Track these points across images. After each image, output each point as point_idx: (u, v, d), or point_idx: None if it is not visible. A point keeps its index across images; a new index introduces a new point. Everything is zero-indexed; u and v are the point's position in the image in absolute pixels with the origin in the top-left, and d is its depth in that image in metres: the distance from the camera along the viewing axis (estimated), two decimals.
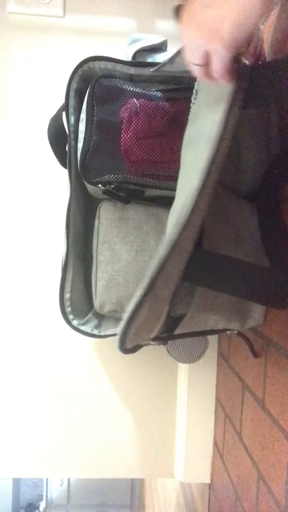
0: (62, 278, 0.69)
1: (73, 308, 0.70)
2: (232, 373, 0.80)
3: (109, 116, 0.64)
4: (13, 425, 0.91)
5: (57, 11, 0.87)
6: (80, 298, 0.75)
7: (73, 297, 0.71)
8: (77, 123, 0.69)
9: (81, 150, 0.64)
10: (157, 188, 0.66)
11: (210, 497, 0.93)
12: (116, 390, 0.93)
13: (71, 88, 0.67)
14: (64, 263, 0.69)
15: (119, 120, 0.64)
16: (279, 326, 0.59)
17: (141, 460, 0.93)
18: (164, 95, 0.66)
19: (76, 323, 0.69)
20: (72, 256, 0.71)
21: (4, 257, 0.89)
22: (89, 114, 0.64)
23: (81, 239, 0.77)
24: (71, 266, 0.70)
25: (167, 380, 0.94)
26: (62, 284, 0.69)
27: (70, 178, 0.70)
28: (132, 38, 0.71)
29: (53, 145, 0.76)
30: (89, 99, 0.64)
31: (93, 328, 0.71)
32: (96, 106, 0.64)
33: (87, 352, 0.92)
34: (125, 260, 0.68)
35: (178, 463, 0.92)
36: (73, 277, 0.70)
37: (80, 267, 0.76)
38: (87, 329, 0.70)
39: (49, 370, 0.91)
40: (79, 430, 0.92)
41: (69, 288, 0.70)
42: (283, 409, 0.56)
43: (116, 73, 0.66)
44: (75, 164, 0.68)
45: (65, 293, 0.69)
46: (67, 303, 0.69)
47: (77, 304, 0.72)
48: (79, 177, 0.70)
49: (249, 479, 0.67)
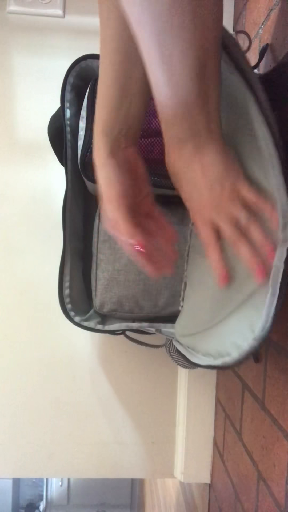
0: (60, 274, 0.68)
1: (74, 305, 0.69)
2: (232, 373, 0.80)
3: None
4: (13, 425, 0.91)
5: (57, 11, 0.87)
6: (80, 296, 0.74)
7: (73, 293, 0.70)
8: (74, 119, 0.69)
9: (81, 147, 0.64)
10: (157, 186, 0.66)
11: (210, 497, 0.93)
12: (116, 390, 0.93)
13: (67, 82, 0.67)
14: (62, 258, 0.69)
15: None
16: (279, 326, 0.59)
17: (141, 460, 0.93)
18: None
19: (78, 319, 0.69)
20: (70, 251, 0.70)
21: (4, 255, 0.89)
22: (89, 112, 0.64)
23: (79, 236, 0.77)
24: (68, 261, 0.69)
25: (167, 380, 0.93)
26: (61, 280, 0.68)
27: (66, 172, 0.70)
28: None
29: (53, 144, 0.76)
30: (89, 97, 0.64)
31: (97, 324, 0.70)
32: None
33: (87, 352, 0.92)
34: (126, 259, 0.67)
35: (178, 463, 0.92)
36: (71, 273, 0.69)
37: (78, 264, 0.76)
38: (90, 325, 0.69)
39: (49, 370, 0.91)
40: (79, 430, 0.92)
41: (68, 283, 0.69)
42: (283, 409, 0.56)
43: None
44: (72, 157, 0.68)
45: (64, 288, 0.68)
46: (67, 300, 0.68)
47: (77, 300, 0.72)
48: (76, 171, 0.69)
49: (249, 479, 0.67)
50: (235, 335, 0.45)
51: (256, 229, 0.42)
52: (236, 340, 0.45)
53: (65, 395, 0.92)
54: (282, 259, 0.41)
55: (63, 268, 0.68)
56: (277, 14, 0.61)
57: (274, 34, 0.62)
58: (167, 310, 0.69)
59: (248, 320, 0.44)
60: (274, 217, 0.41)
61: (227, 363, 0.45)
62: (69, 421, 0.92)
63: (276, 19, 0.61)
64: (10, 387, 0.91)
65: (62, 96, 0.67)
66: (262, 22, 0.67)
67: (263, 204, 0.41)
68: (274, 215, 0.41)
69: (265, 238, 0.42)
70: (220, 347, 0.47)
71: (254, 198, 0.42)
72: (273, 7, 0.62)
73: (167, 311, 0.69)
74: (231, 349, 0.45)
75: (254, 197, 0.42)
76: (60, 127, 0.73)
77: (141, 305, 0.68)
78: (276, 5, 0.61)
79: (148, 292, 0.68)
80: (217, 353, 0.47)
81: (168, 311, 0.69)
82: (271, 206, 0.41)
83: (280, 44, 0.60)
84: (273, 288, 0.41)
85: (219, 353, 0.47)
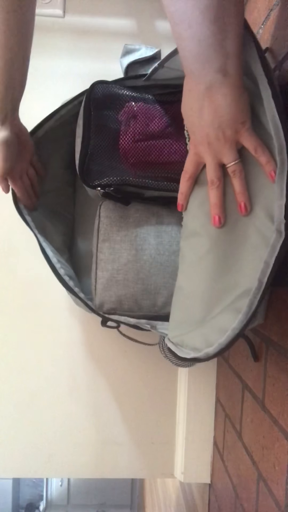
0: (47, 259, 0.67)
1: (75, 282, 0.69)
2: (232, 373, 0.80)
3: (106, 120, 0.65)
4: (13, 425, 0.91)
5: (57, 11, 0.87)
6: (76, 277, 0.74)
7: (69, 273, 0.70)
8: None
9: (79, 154, 0.64)
10: (156, 189, 0.66)
11: (210, 497, 0.93)
12: (116, 390, 0.93)
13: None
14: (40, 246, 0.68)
15: (117, 124, 0.65)
16: (279, 326, 0.59)
17: (141, 460, 0.93)
18: (161, 98, 0.67)
19: (83, 296, 0.68)
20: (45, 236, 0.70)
21: (4, 255, 0.89)
22: (86, 119, 0.64)
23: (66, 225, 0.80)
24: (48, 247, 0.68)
25: (167, 380, 0.93)
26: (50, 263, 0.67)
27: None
28: (126, 49, 0.72)
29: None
30: (86, 105, 0.65)
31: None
32: (94, 111, 0.65)
33: (87, 352, 0.92)
34: (125, 259, 0.68)
35: (178, 463, 0.92)
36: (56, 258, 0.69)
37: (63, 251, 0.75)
38: (92, 306, 0.68)
39: (49, 370, 0.91)
40: (79, 430, 0.92)
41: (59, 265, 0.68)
42: (283, 409, 0.56)
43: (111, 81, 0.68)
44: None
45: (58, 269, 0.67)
46: (66, 278, 0.67)
47: (75, 279, 0.71)
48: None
49: (249, 479, 0.67)
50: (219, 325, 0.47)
51: (239, 181, 0.46)
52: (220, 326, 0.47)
53: (65, 395, 0.92)
54: (272, 257, 0.43)
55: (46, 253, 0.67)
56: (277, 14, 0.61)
57: (274, 34, 0.62)
58: (166, 309, 0.69)
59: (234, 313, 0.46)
60: (268, 168, 0.44)
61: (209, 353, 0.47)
62: (69, 421, 0.92)
63: (276, 19, 0.61)
64: (10, 387, 0.91)
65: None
66: (262, 22, 0.67)
67: (261, 152, 0.44)
68: (268, 165, 0.44)
69: (244, 192, 0.46)
70: (205, 340, 0.49)
71: (254, 144, 0.44)
72: (273, 7, 0.62)
73: (166, 310, 0.69)
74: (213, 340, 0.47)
75: (254, 143, 0.44)
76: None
77: (140, 304, 0.69)
78: (276, 5, 0.61)
79: (147, 291, 0.68)
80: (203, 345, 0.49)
81: (167, 310, 0.69)
82: (268, 157, 0.44)
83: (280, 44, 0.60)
84: (260, 282, 0.43)
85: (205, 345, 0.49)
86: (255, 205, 0.46)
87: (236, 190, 0.47)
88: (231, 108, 0.43)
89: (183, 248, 0.56)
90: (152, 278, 0.68)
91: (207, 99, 0.43)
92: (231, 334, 0.44)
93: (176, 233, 0.69)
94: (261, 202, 0.46)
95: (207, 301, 0.51)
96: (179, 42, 0.42)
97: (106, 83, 0.67)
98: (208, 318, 0.51)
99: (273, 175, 0.43)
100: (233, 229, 0.49)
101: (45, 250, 0.67)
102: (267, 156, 0.44)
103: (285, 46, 0.58)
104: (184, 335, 0.53)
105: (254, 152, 0.45)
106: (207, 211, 0.50)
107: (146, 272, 0.67)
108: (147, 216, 0.69)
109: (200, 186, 0.51)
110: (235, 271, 0.48)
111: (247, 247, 0.47)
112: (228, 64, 0.41)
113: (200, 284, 0.52)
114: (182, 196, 0.53)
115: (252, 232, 0.47)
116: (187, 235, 0.55)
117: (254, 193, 0.47)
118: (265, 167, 0.44)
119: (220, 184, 0.47)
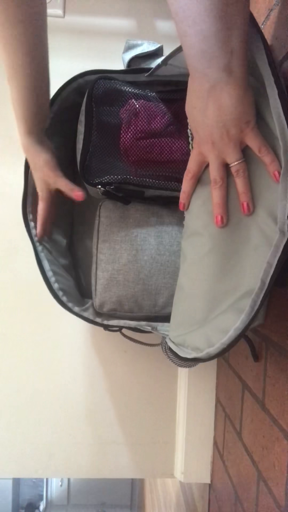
0: (41, 271, 0.67)
1: (69, 297, 0.69)
2: (232, 373, 0.80)
3: (108, 117, 0.64)
4: (13, 425, 0.91)
5: (57, 11, 0.87)
6: (72, 289, 0.73)
7: (63, 287, 0.69)
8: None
9: (80, 151, 0.64)
10: (156, 188, 0.66)
11: (210, 497, 0.93)
12: (116, 390, 0.93)
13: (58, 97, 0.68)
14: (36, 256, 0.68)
15: (119, 121, 0.64)
16: (279, 326, 0.59)
17: (141, 460, 0.93)
18: (163, 96, 0.67)
19: (78, 310, 0.68)
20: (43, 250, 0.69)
21: (4, 255, 0.89)
22: (88, 116, 0.64)
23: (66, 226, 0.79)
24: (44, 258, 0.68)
25: (167, 380, 0.94)
26: (44, 275, 0.67)
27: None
28: (128, 45, 0.72)
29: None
30: (87, 101, 0.64)
31: (96, 316, 0.70)
32: (95, 108, 0.64)
33: (87, 352, 0.92)
34: (125, 259, 0.68)
35: (178, 463, 0.92)
36: (52, 268, 0.68)
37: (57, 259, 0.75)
38: (89, 316, 0.69)
39: (49, 370, 0.91)
40: (79, 430, 0.92)
41: (54, 278, 0.68)
42: (283, 409, 0.56)
43: (113, 77, 0.67)
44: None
45: (52, 283, 0.67)
46: (60, 293, 0.67)
47: (70, 292, 0.71)
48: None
49: (249, 479, 0.67)
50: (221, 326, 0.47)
51: (242, 180, 0.46)
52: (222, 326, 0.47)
53: (65, 395, 0.92)
54: (275, 257, 0.42)
55: (42, 265, 0.67)
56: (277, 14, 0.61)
57: (274, 34, 0.62)
58: (167, 309, 0.69)
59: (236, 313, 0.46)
60: (272, 168, 0.44)
61: (210, 353, 0.47)
62: (69, 421, 0.92)
63: (276, 19, 0.61)
64: (10, 387, 0.91)
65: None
66: (262, 22, 0.67)
67: (266, 152, 0.44)
68: (272, 165, 0.44)
69: (247, 191, 0.46)
70: (206, 340, 0.49)
71: (259, 143, 0.44)
72: (273, 7, 0.62)
73: (167, 310, 0.69)
74: (215, 340, 0.47)
75: (259, 143, 0.44)
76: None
77: (141, 305, 0.69)
78: (276, 5, 0.61)
79: (147, 291, 0.68)
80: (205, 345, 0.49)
81: (168, 310, 0.69)
82: (272, 157, 0.44)
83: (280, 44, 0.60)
84: (262, 282, 0.43)
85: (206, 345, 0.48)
86: (258, 205, 0.46)
87: (239, 189, 0.47)
88: (235, 108, 0.42)
89: (184, 248, 0.56)
90: (152, 279, 0.68)
91: (211, 98, 0.43)
92: (233, 334, 0.44)
93: (176, 233, 0.69)
94: (264, 202, 0.46)
95: (208, 301, 0.51)
96: (183, 39, 0.41)
97: (109, 78, 0.66)
98: (209, 318, 0.51)
99: (277, 175, 0.43)
100: (236, 229, 0.48)
101: (41, 261, 0.67)
102: (271, 156, 0.44)
103: (285, 46, 0.58)
104: (186, 335, 0.53)
105: (258, 151, 0.44)
106: (210, 211, 0.50)
107: (146, 272, 0.67)
108: (147, 216, 0.69)
109: (202, 185, 0.51)
110: (237, 271, 0.48)
111: (250, 247, 0.47)
112: (233, 62, 0.41)
113: (202, 284, 0.52)
114: (185, 195, 0.53)
115: (255, 232, 0.47)
116: (188, 234, 0.55)
117: (257, 193, 0.46)
118: (269, 167, 0.44)
119: (223, 184, 0.47)
